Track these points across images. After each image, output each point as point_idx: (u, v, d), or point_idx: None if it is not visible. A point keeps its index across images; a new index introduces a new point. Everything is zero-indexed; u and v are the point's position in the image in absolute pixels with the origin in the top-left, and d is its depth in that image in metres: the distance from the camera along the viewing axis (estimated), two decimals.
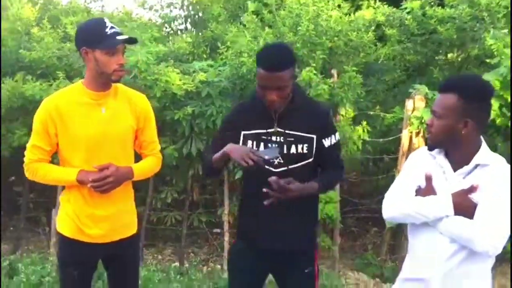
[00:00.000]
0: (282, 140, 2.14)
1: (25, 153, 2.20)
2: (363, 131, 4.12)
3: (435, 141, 1.81)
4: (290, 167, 2.14)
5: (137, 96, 2.30)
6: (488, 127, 3.79)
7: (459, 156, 1.78)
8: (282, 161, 2.14)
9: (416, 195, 1.80)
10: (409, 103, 3.97)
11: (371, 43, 4.51)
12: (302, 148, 2.13)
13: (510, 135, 3.71)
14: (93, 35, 2.09)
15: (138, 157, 2.36)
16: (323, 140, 2.17)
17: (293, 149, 2.13)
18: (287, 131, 2.14)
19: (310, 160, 2.16)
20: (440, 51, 4.79)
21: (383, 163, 4.75)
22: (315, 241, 2.32)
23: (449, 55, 4.82)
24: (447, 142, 1.79)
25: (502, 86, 3.60)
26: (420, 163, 1.87)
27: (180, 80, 3.93)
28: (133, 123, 2.23)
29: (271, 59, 2.02)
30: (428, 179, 1.79)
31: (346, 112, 4.00)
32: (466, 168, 1.77)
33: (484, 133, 3.90)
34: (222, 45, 4.39)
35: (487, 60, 3.85)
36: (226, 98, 4.07)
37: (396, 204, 1.82)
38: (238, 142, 2.19)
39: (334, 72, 4.08)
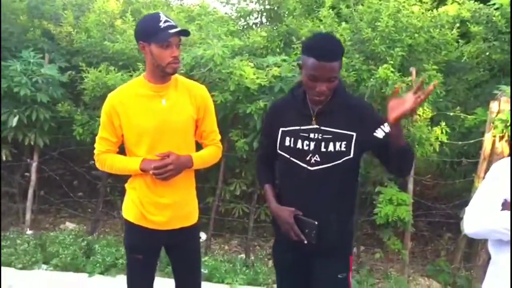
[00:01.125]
0: (319, 137, 2.08)
1: (95, 145, 2.33)
2: (441, 132, 3.93)
3: None
4: (327, 165, 2.08)
5: (197, 87, 2.36)
6: None
7: None
8: (318, 159, 2.09)
9: (502, 209, 1.69)
10: (494, 105, 3.74)
11: (453, 41, 4.30)
12: (340, 146, 2.07)
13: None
14: (148, 29, 2.16)
15: (199, 147, 2.42)
16: (376, 134, 2.05)
17: (330, 147, 2.08)
18: (324, 128, 2.08)
19: (350, 156, 2.08)
20: None
21: (460, 167, 4.51)
22: (351, 244, 2.24)
23: None
24: None
25: None
26: (505, 174, 1.75)
27: (254, 74, 3.95)
28: (193, 113, 2.29)
29: (324, 49, 1.96)
30: None
31: (424, 112, 3.84)
32: None
33: None
34: (297, 40, 4.35)
35: None
36: None
37: (481, 219, 1.71)
38: (277, 140, 2.17)
39: (413, 70, 3.92)
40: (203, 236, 4.72)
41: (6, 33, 4.72)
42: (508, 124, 3.60)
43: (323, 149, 2.08)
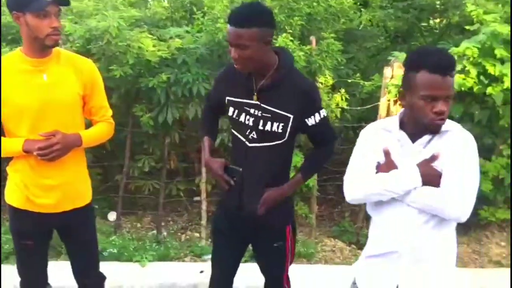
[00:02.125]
0: (259, 115, 2.06)
1: None
2: (342, 99, 4.07)
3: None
4: (263, 144, 2.09)
5: (82, 61, 2.24)
6: (465, 95, 3.77)
7: (415, 126, 1.73)
8: (255, 137, 2.09)
9: (376, 172, 1.75)
10: (387, 71, 3.91)
11: (353, 9, 4.42)
12: (278, 127, 2.05)
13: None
14: None
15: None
16: (306, 120, 2.07)
17: (267, 126, 2.06)
18: (265, 106, 2.06)
19: (283, 140, 2.08)
20: (423, 18, 4.70)
21: None
22: (288, 217, 2.28)
23: (431, 22, 4.74)
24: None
25: (481, 54, 3.55)
26: (374, 138, 1.80)
27: (154, 46, 3.82)
28: (79, 89, 2.16)
29: (235, 15, 1.94)
30: (387, 153, 1.75)
31: (325, 79, 3.94)
32: (425, 138, 1.73)
33: (461, 101, 3.89)
34: (199, 11, 4.27)
35: (467, 27, 3.79)
36: (203, 66, 3.98)
37: (360, 184, 1.76)
38: (223, 107, 2.16)
39: (312, 39, 3.99)
40: (113, 215, 4.61)
41: None
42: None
43: (260, 127, 2.05)
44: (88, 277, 2.41)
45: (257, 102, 2.06)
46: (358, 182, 1.76)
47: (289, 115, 2.03)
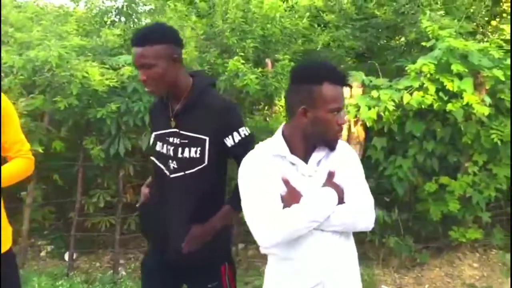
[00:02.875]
0: (177, 142, 1.93)
1: None
2: None
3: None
4: (186, 172, 1.93)
5: None
6: (426, 113, 3.66)
7: (307, 144, 1.65)
8: (176, 166, 1.94)
9: (284, 206, 1.58)
10: (345, 91, 3.79)
11: (309, 30, 4.33)
12: (196, 152, 1.91)
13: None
14: None
15: None
16: (225, 141, 1.93)
17: (186, 153, 1.91)
18: (181, 132, 1.93)
19: (205, 164, 1.91)
20: (381, 36, 4.64)
21: None
22: (223, 253, 2.08)
23: (393, 41, 4.69)
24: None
25: (438, 70, 3.46)
26: (268, 168, 1.63)
27: (102, 75, 3.64)
28: None
29: (137, 35, 1.85)
30: (287, 182, 1.60)
31: (280, 101, 3.80)
32: (315, 156, 1.65)
33: (422, 119, 3.77)
34: None
35: (423, 43, 3.71)
36: None
37: (278, 225, 1.55)
38: (151, 143, 2.03)
39: (268, 61, 3.87)
40: (65, 256, 4.33)
41: None
42: (361, 109, 3.66)
43: (179, 155, 1.92)
44: None
45: (175, 130, 1.93)
46: (274, 222, 1.56)
47: (204, 137, 1.91)
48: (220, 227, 1.97)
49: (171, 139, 1.95)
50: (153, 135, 2.03)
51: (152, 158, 2.04)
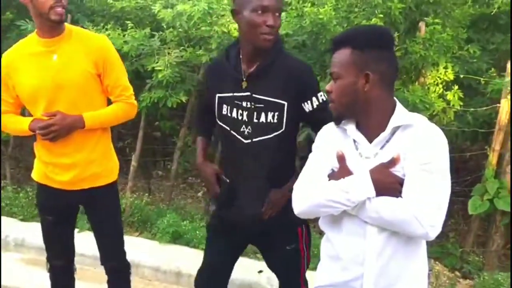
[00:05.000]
0: (252, 106, 1.87)
1: None
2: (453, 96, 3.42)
3: (339, 108, 1.46)
4: (259, 138, 1.88)
5: (93, 38, 2.19)
6: None
7: (372, 122, 1.43)
8: (251, 131, 1.89)
9: (329, 180, 1.45)
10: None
11: None
12: (273, 117, 1.85)
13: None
14: None
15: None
16: (303, 105, 1.87)
17: (262, 118, 1.86)
18: (256, 96, 1.86)
19: (282, 130, 1.86)
20: None
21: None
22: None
23: None
24: (353, 107, 1.44)
25: None
26: (329, 141, 1.50)
27: None
28: (90, 68, 2.12)
29: None
30: (341, 158, 1.45)
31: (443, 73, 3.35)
32: (383, 135, 1.41)
33: None
34: None
35: None
36: (306, 54, 3.66)
37: (305, 194, 1.45)
38: (214, 105, 1.99)
39: (422, 25, 3.40)
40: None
41: None
42: None
43: (255, 120, 1.89)
44: (109, 261, 2.43)
45: (248, 93, 1.86)
46: (304, 191, 1.47)
47: (282, 102, 1.83)
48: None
49: (244, 103, 1.89)
50: (217, 97, 1.97)
51: (220, 123, 2.00)
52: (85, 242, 2.99)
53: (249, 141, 1.90)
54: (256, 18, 1.76)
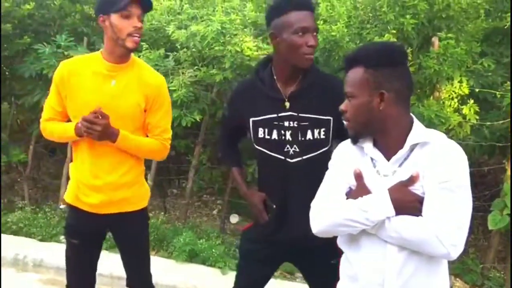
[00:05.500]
0: (295, 125, 1.88)
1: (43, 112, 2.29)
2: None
3: (355, 127, 1.46)
4: (306, 156, 1.90)
5: (150, 74, 2.20)
6: None
7: (389, 140, 1.42)
8: (297, 150, 1.89)
9: (347, 199, 1.44)
10: None
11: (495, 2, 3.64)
12: (319, 133, 1.87)
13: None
14: (107, 0, 2.06)
15: None
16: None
17: (309, 135, 1.88)
18: (300, 114, 1.88)
19: (327, 147, 1.90)
20: None
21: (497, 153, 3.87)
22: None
23: None
24: (369, 125, 1.43)
25: None
26: (346, 159, 1.50)
27: (259, 49, 3.72)
28: (140, 101, 2.14)
29: None
30: (358, 176, 1.44)
31: (457, 87, 3.33)
32: (401, 153, 1.40)
33: None
34: None
35: None
36: None
37: (323, 213, 1.44)
38: (248, 130, 1.99)
39: (435, 40, 3.40)
40: (235, 218, 4.65)
41: (44, 18, 4.98)
42: None
43: (301, 138, 1.90)
44: (134, 286, 2.42)
45: (291, 113, 1.88)
46: (322, 210, 1.46)
47: (328, 117, 1.87)
48: None
49: (286, 123, 1.89)
50: (251, 121, 1.96)
51: (257, 147, 1.98)
52: (102, 261, 2.99)
53: (296, 160, 1.90)
54: (298, 39, 1.80)
